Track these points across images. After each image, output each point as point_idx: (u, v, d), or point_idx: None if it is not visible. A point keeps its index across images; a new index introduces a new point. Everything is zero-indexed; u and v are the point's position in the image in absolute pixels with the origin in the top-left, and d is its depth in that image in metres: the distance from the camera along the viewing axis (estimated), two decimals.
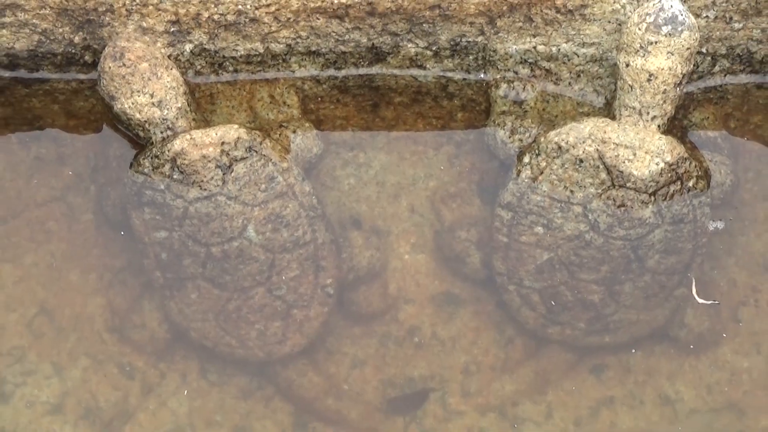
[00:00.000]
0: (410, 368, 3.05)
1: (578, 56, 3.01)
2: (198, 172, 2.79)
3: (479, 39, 2.98)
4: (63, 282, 3.08)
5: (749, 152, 3.13)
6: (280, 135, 2.99)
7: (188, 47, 2.98)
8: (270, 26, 2.93)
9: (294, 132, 3.01)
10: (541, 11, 2.88)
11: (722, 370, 3.01)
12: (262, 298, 2.91)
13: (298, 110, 3.09)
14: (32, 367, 3.02)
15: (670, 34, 2.70)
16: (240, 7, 2.85)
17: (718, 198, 2.96)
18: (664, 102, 2.79)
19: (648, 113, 2.80)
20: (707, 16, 2.86)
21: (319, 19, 2.90)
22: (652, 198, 2.79)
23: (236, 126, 2.86)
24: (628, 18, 2.81)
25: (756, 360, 3.00)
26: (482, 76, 3.09)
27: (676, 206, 2.82)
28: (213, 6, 2.85)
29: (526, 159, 2.89)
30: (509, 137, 2.99)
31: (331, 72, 3.11)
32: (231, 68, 3.07)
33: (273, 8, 2.87)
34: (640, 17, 2.74)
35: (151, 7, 2.84)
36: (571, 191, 2.83)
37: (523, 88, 3.06)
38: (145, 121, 2.86)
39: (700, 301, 2.99)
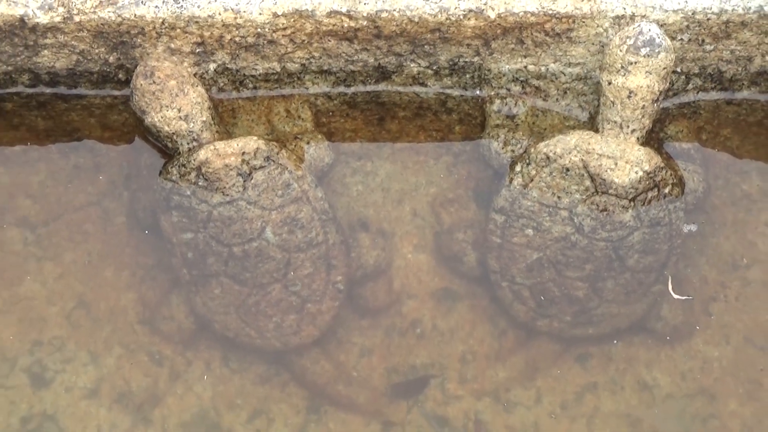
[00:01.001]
0: (412, 357, 3.05)
1: (565, 75, 3.02)
2: (221, 179, 2.82)
3: (475, 59, 2.99)
4: (99, 278, 3.08)
5: (719, 162, 3.14)
6: (295, 146, 3.01)
7: (212, 66, 2.99)
8: (286, 47, 2.94)
9: (308, 143, 3.04)
10: (532, 34, 2.89)
11: (695, 358, 3.01)
12: (278, 294, 2.92)
13: (311, 123, 3.11)
14: (71, 355, 3.02)
15: (648, 55, 2.74)
16: (259, 30, 2.86)
17: (691, 203, 2.99)
18: (643, 116, 2.83)
19: (628, 126, 2.83)
20: (682, 39, 2.89)
21: (330, 41, 2.91)
22: (632, 203, 2.82)
23: (255, 138, 2.89)
24: (610, 40, 2.85)
25: (725, 350, 3.01)
26: (478, 92, 3.10)
27: (654, 211, 2.85)
28: (234, 29, 2.86)
29: (518, 168, 2.91)
30: (502, 148, 3.02)
31: (342, 89, 3.11)
32: (251, 85, 3.08)
33: (289, 31, 2.87)
34: (621, 40, 2.78)
35: (178, 30, 2.85)
36: (559, 197, 2.86)
37: (515, 104, 3.08)
38: (173, 133, 2.90)
39: (675, 296, 3.00)
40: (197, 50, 2.94)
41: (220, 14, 2.82)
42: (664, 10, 2.81)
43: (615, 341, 3.05)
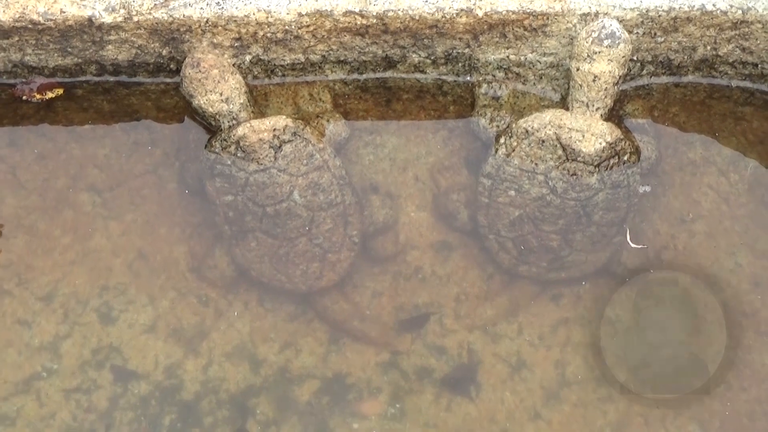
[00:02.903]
0: (415, 297, 3.05)
1: (540, 63, 3.05)
2: (256, 151, 2.87)
3: (466, 50, 3.02)
4: (155, 234, 3.09)
5: (668, 134, 3.14)
6: (317, 123, 3.03)
7: (248, 58, 3.02)
8: (309, 42, 2.98)
9: (327, 121, 3.05)
10: (513, 29, 2.93)
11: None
12: (304, 246, 2.95)
13: (330, 105, 3.12)
14: (132, 298, 3.03)
15: (609, 46, 2.80)
16: (287, 27, 2.91)
17: (645, 168, 3.01)
18: (606, 97, 2.88)
19: (593, 105, 2.88)
20: (637, 32, 2.94)
21: (346, 36, 2.96)
22: (597, 169, 2.86)
23: (284, 117, 2.93)
24: (578, 34, 2.90)
25: (675, 290, 3.01)
26: (468, 78, 3.13)
27: (615, 175, 2.89)
28: (266, 27, 2.91)
29: (502, 140, 2.95)
30: (489, 124, 3.05)
31: (355, 76, 3.13)
32: (280, 73, 3.10)
33: (311, 28, 2.92)
34: (587, 33, 2.84)
35: (220, 28, 2.90)
36: (536, 164, 2.90)
37: (499, 87, 3.10)
38: (216, 113, 2.95)
39: (633, 245, 3.02)
40: (235, 44, 2.97)
41: (254, 14, 2.87)
42: (623, 8, 2.87)
43: (583, 283, 3.06)
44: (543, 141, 2.89)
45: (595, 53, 2.83)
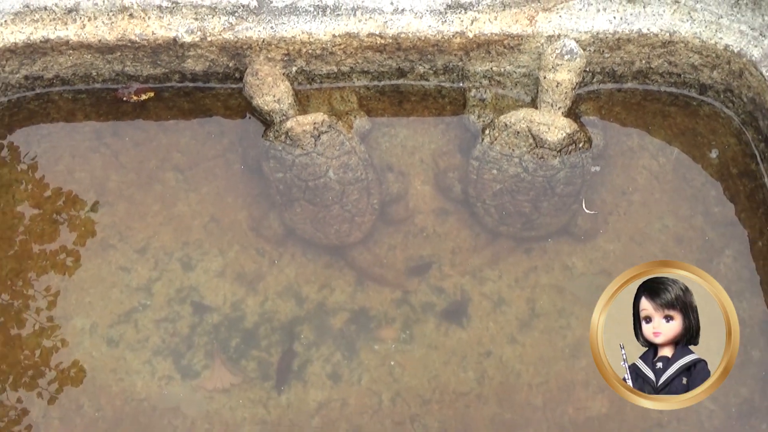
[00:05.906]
0: (421, 250, 3.13)
1: (516, 73, 3.15)
2: (300, 139, 2.98)
3: (459, 63, 3.12)
4: (224, 203, 3.16)
5: (612, 128, 3.21)
6: (346, 119, 3.12)
7: (294, 68, 3.12)
8: (341, 56, 3.08)
9: (354, 117, 3.15)
10: (495, 47, 3.03)
11: (598, 251, 3.10)
12: (337, 211, 3.03)
13: (356, 105, 3.21)
14: (206, 250, 3.11)
15: (569, 60, 2.92)
16: (324, 46, 3.02)
17: (595, 153, 3.11)
18: (566, 99, 3.00)
19: (556, 105, 3.00)
20: (590, 50, 3.04)
21: (368, 52, 3.06)
22: (559, 153, 2.97)
23: (322, 113, 3.03)
24: (545, 50, 3.00)
25: (617, 245, 3.10)
26: (461, 84, 3.22)
27: (572, 158, 2.99)
28: (308, 45, 3.01)
29: (487, 132, 3.05)
30: (477, 119, 3.16)
31: (375, 82, 3.22)
32: (318, 81, 3.20)
33: (342, 46, 3.02)
34: (552, 50, 2.95)
35: (273, 46, 3.00)
36: (512, 150, 3.00)
37: (485, 92, 3.19)
38: (270, 111, 3.08)
39: (587, 211, 3.11)
40: (285, 58, 3.06)
41: (299, 36, 2.98)
42: (579, 31, 2.98)
43: (548, 240, 3.12)
44: (518, 132, 2.99)
45: (558, 65, 2.94)
